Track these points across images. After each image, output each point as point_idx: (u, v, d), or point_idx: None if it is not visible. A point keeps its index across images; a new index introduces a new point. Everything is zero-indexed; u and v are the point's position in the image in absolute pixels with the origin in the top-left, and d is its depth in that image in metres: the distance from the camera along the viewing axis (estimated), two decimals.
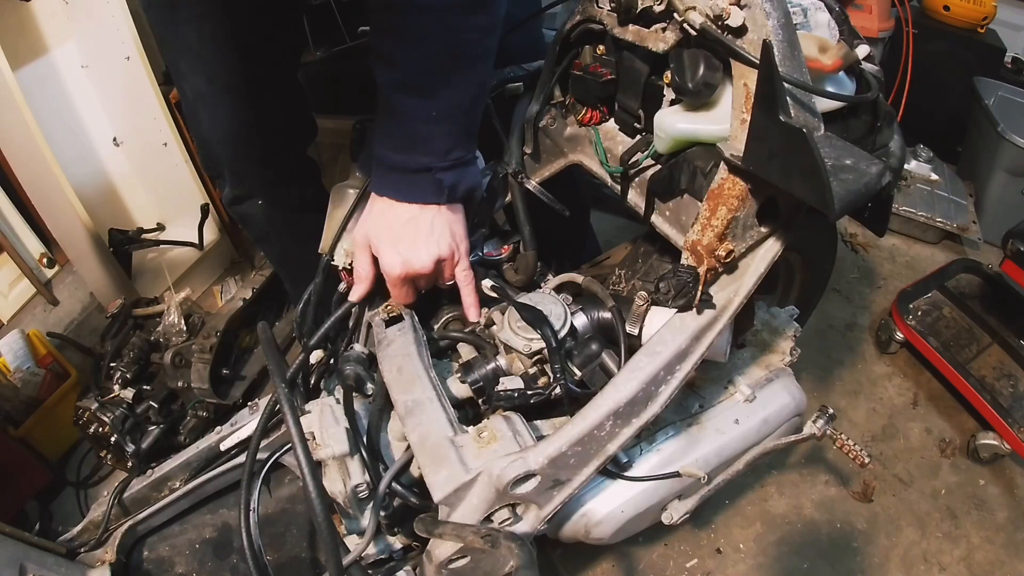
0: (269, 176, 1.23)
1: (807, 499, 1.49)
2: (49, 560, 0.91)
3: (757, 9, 0.65)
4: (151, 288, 1.82)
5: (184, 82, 1.13)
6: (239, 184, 1.23)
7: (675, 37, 0.75)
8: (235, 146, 1.17)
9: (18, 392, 1.44)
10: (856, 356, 1.86)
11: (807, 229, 0.85)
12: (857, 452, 1.01)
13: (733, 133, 0.71)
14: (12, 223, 1.54)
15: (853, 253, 2.26)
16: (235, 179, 1.22)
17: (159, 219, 1.93)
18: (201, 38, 1.04)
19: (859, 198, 0.60)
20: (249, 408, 1.05)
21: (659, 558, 1.37)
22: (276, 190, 1.25)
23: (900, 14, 2.41)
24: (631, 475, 0.94)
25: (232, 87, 1.09)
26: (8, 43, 1.43)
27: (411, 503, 0.80)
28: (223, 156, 1.19)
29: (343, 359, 0.91)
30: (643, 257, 1.10)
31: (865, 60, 0.77)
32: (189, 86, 1.12)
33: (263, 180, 1.23)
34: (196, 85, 1.11)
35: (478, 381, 0.86)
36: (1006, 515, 1.49)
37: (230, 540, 1.01)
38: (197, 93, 1.12)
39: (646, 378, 0.77)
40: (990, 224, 2.25)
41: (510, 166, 1.01)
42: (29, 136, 1.44)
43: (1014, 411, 1.51)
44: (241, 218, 1.31)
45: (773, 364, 1.09)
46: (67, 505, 1.46)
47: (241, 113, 1.12)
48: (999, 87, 2.42)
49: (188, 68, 1.10)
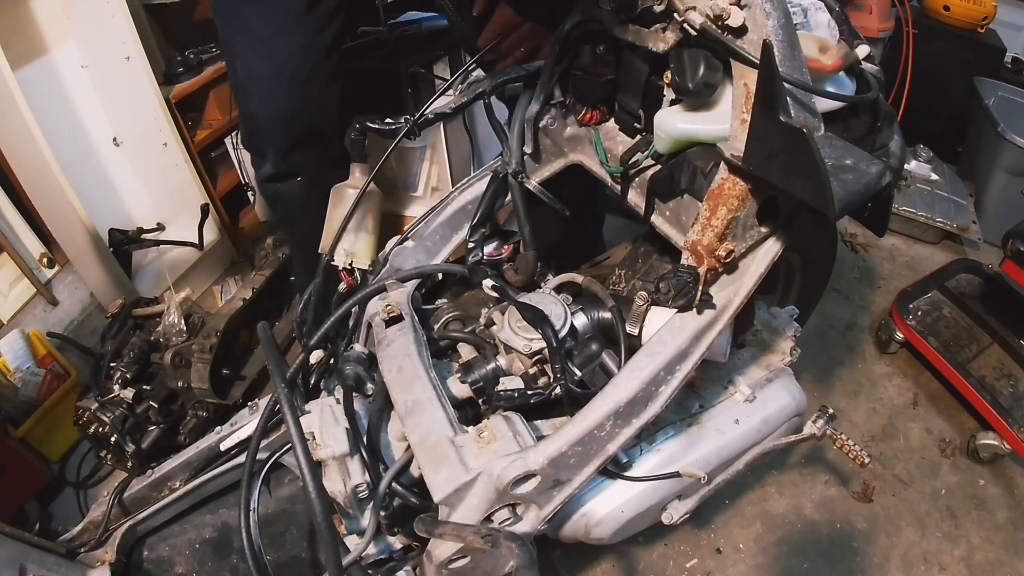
0: (316, 156, 1.27)
1: (807, 499, 1.49)
2: (49, 560, 0.91)
3: (757, 9, 0.65)
4: (151, 288, 1.83)
5: (236, 60, 1.17)
6: (283, 162, 1.27)
7: (675, 37, 0.75)
8: (286, 126, 1.21)
9: (18, 392, 1.44)
10: (856, 356, 1.86)
11: (807, 229, 0.85)
12: (857, 452, 1.01)
13: (733, 133, 0.71)
14: (12, 223, 1.54)
15: (853, 253, 2.26)
16: (279, 157, 1.26)
17: (159, 219, 1.93)
18: (261, 19, 1.09)
19: (859, 198, 0.60)
20: (249, 408, 1.05)
21: (659, 558, 1.37)
22: (320, 171, 1.28)
23: (900, 14, 2.41)
24: (631, 475, 0.94)
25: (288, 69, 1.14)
26: (8, 43, 1.43)
27: (411, 503, 0.80)
28: (271, 134, 1.22)
29: (343, 359, 0.91)
30: (643, 257, 1.10)
31: (865, 60, 0.76)
32: (242, 64, 1.17)
33: (309, 160, 1.27)
34: (250, 64, 1.15)
35: (478, 381, 0.86)
36: (1006, 515, 1.49)
37: (230, 540, 1.01)
38: (250, 72, 1.16)
39: (646, 378, 0.77)
40: (990, 224, 2.25)
41: (510, 166, 1.01)
42: (29, 136, 1.44)
43: (1014, 411, 1.51)
44: (274, 196, 1.35)
45: (773, 364, 1.09)
46: (67, 505, 1.46)
47: (295, 94, 1.17)
48: (999, 87, 2.42)
49: (243, 47, 1.14)
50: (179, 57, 1.92)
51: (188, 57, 1.93)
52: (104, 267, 1.68)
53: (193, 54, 1.94)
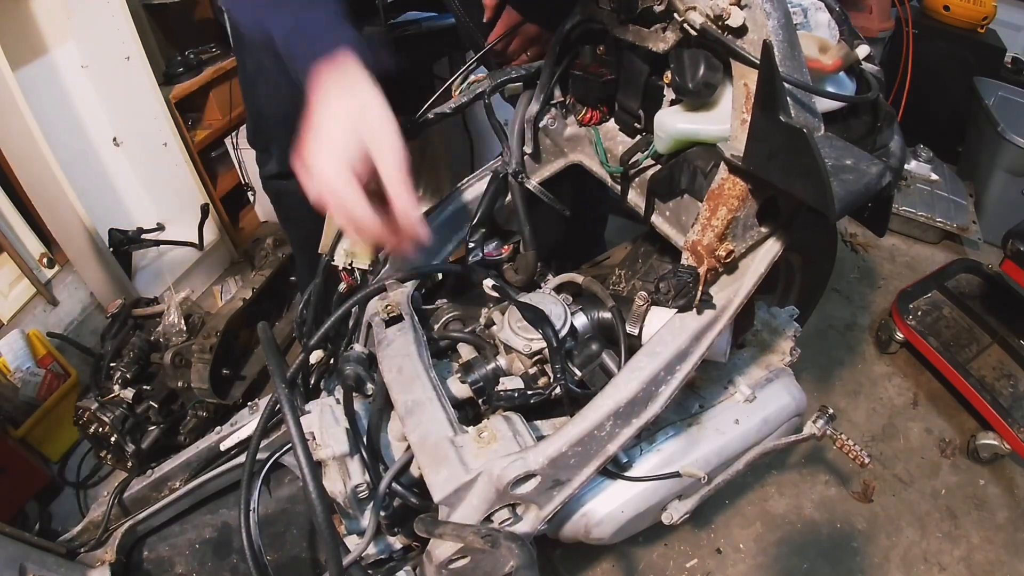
0: None
1: (807, 499, 1.49)
2: (49, 560, 0.91)
3: (757, 9, 0.65)
4: (151, 288, 1.83)
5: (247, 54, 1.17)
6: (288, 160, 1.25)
7: (675, 37, 0.75)
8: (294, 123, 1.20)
9: (18, 392, 1.44)
10: (856, 356, 1.86)
11: (807, 229, 0.85)
12: (857, 452, 1.01)
13: (733, 133, 0.71)
14: (12, 223, 1.54)
15: (853, 253, 2.26)
16: (285, 155, 1.25)
17: (159, 219, 1.93)
18: None
19: (859, 198, 0.60)
20: (249, 408, 1.05)
21: (659, 558, 1.37)
22: None
23: (900, 14, 2.41)
24: (631, 475, 0.94)
25: None
26: (8, 43, 1.43)
27: (411, 503, 0.80)
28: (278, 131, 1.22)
29: (343, 359, 0.90)
30: (643, 257, 1.10)
31: (865, 60, 0.76)
32: (251, 59, 1.17)
33: None
34: (260, 59, 1.15)
35: (478, 381, 0.86)
36: (1006, 515, 1.49)
37: (230, 540, 1.01)
38: (259, 67, 1.16)
39: (646, 378, 0.77)
40: (990, 224, 2.25)
41: (510, 166, 1.01)
42: (29, 136, 1.44)
43: (1014, 411, 1.51)
44: (278, 194, 1.34)
45: (773, 364, 1.09)
46: (67, 505, 1.46)
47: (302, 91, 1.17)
48: (999, 87, 2.42)
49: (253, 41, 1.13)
50: (179, 57, 1.92)
51: (188, 57, 1.93)
52: (104, 267, 1.68)
53: (193, 54, 1.94)
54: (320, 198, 0.69)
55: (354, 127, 0.67)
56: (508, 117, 1.05)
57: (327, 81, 0.69)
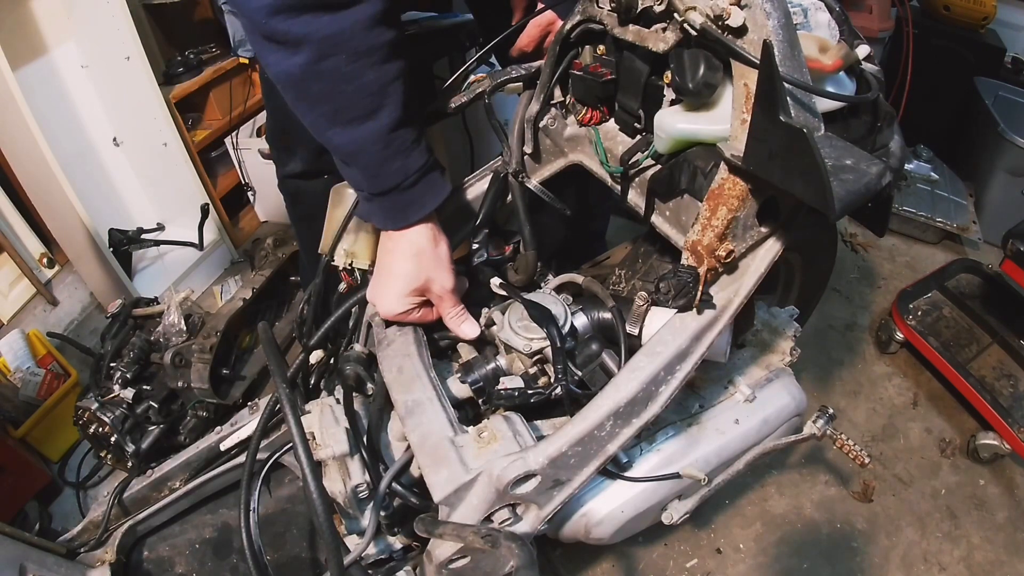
0: None
1: (807, 499, 1.49)
2: (49, 560, 0.91)
3: (757, 9, 0.65)
4: (151, 288, 1.83)
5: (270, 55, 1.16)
6: (315, 161, 1.27)
7: (675, 37, 0.74)
8: None
9: (18, 392, 1.44)
10: (856, 356, 1.86)
11: (807, 229, 0.85)
12: (857, 452, 1.01)
13: (733, 133, 0.71)
14: (12, 223, 1.54)
15: (853, 253, 2.26)
16: (311, 156, 1.26)
17: (159, 219, 1.94)
18: None
19: (859, 198, 0.60)
20: (249, 408, 1.05)
21: (659, 558, 1.37)
22: None
23: (900, 14, 2.42)
24: (631, 475, 0.94)
25: None
26: (8, 43, 1.43)
27: (411, 503, 0.80)
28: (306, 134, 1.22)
29: (343, 359, 0.90)
30: (643, 257, 1.10)
31: (865, 60, 0.76)
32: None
33: None
34: None
35: (478, 381, 0.86)
36: (1006, 515, 1.49)
37: (230, 540, 1.01)
38: None
39: (646, 378, 0.77)
40: (990, 224, 2.25)
41: (510, 166, 1.01)
42: (29, 136, 1.44)
43: (1014, 411, 1.51)
44: (297, 193, 1.34)
45: (773, 364, 1.09)
46: (67, 505, 1.46)
47: None
48: (999, 87, 2.42)
49: None
50: (179, 57, 1.92)
51: (188, 57, 1.93)
52: (104, 267, 1.68)
53: (193, 54, 1.95)
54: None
55: (418, 268, 0.83)
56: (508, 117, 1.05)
57: (400, 240, 0.82)
